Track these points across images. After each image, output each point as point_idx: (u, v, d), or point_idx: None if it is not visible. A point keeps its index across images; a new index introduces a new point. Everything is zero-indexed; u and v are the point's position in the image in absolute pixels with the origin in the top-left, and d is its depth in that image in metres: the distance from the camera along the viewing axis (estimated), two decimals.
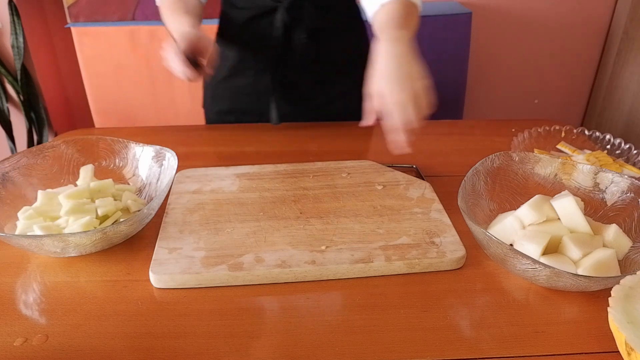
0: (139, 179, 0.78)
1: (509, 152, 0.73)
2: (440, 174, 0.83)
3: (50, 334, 0.55)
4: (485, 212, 0.70)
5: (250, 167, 0.84)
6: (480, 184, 0.70)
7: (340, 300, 0.60)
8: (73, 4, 1.76)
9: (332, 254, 0.64)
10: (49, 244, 0.59)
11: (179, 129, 1.09)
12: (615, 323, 0.49)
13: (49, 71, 2.01)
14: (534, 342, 0.54)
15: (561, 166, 0.73)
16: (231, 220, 0.71)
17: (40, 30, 1.94)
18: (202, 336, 0.54)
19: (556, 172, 0.73)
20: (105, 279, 0.63)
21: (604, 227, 0.64)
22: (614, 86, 2.07)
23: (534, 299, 0.60)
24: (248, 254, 0.64)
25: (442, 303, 0.59)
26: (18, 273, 0.64)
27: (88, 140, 0.79)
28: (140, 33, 1.79)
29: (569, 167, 0.72)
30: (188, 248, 0.65)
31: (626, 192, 0.67)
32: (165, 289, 0.61)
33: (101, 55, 1.83)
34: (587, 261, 0.58)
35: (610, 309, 0.50)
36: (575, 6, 2.02)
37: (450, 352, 0.53)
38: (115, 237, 0.64)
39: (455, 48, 1.85)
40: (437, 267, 0.64)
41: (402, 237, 0.67)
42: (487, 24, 2.02)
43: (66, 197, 0.67)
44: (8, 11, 1.76)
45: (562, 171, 0.73)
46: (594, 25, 2.07)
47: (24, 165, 0.73)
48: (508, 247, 0.56)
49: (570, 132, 0.94)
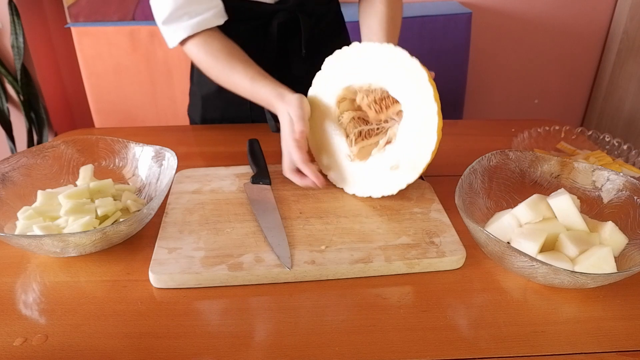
0: (139, 179, 0.78)
1: (505, 150, 0.73)
2: (440, 174, 0.83)
3: (50, 334, 0.55)
4: (483, 211, 0.70)
5: (250, 167, 0.84)
6: (477, 182, 0.71)
7: (340, 300, 0.60)
8: (73, 4, 1.76)
9: (331, 254, 0.64)
10: (49, 244, 0.59)
11: (179, 129, 1.09)
12: None
13: (49, 71, 2.01)
14: (533, 341, 0.54)
15: (557, 164, 0.73)
16: (231, 220, 0.71)
17: (40, 30, 1.94)
18: (202, 336, 0.55)
19: (552, 170, 0.73)
20: (105, 279, 0.63)
21: (600, 224, 0.64)
22: (614, 86, 2.07)
23: (533, 299, 0.60)
24: (248, 254, 0.64)
25: (441, 303, 0.59)
26: (18, 273, 0.64)
27: (88, 140, 0.79)
28: (140, 33, 1.79)
29: (565, 165, 0.72)
30: (188, 248, 0.65)
31: (622, 190, 0.67)
32: (165, 289, 0.61)
33: (101, 55, 1.83)
34: (583, 258, 0.58)
35: None
36: (575, 6, 2.02)
37: (449, 351, 0.53)
38: (115, 237, 0.64)
39: (455, 48, 1.85)
40: (437, 267, 0.64)
41: (402, 237, 0.67)
42: (487, 24, 2.03)
43: (66, 197, 0.67)
44: (8, 11, 1.76)
45: (558, 169, 0.73)
46: (594, 25, 2.07)
47: (24, 165, 0.73)
48: (505, 245, 0.56)
49: (570, 132, 0.94)
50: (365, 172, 0.75)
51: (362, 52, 0.74)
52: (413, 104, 0.70)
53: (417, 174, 0.71)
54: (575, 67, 2.17)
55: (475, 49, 2.00)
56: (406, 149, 0.71)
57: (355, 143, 0.77)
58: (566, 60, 2.14)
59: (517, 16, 2.03)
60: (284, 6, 0.92)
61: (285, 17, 0.93)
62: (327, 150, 0.79)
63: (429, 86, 0.68)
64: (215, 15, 0.85)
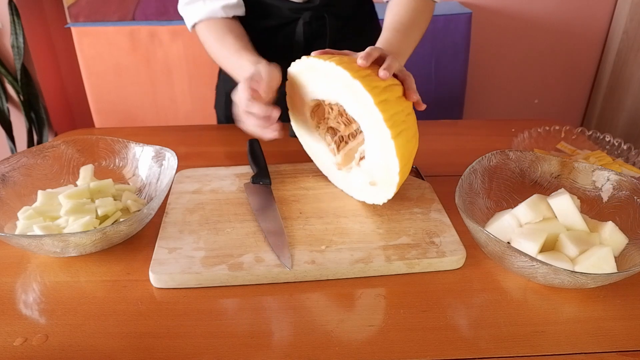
0: (139, 179, 0.78)
1: (505, 150, 0.73)
2: (440, 173, 0.83)
3: (50, 334, 0.55)
4: (483, 211, 0.70)
5: (250, 167, 0.84)
6: (477, 182, 0.71)
7: (340, 300, 0.60)
8: (73, 4, 1.76)
9: (331, 254, 0.64)
10: (49, 244, 0.59)
11: (179, 129, 1.09)
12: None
13: (49, 71, 2.01)
14: (533, 341, 0.54)
15: (557, 164, 0.73)
16: (231, 220, 0.71)
17: (40, 30, 1.94)
18: (202, 336, 0.55)
19: (552, 170, 0.73)
20: (105, 278, 0.63)
21: (600, 224, 0.64)
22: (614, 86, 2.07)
23: (533, 299, 0.60)
24: (248, 253, 0.64)
25: (441, 303, 0.59)
26: (18, 273, 0.64)
27: (88, 140, 0.79)
28: (140, 33, 1.79)
29: (565, 165, 0.72)
30: (188, 248, 0.65)
31: (622, 190, 0.67)
32: (165, 289, 0.61)
33: (101, 55, 1.83)
34: (583, 258, 0.58)
35: None
36: (575, 6, 2.02)
37: (449, 351, 0.53)
38: (115, 237, 0.64)
39: (455, 48, 1.85)
40: (437, 267, 0.64)
41: (402, 237, 0.67)
42: (487, 24, 2.03)
43: (66, 197, 0.67)
44: (8, 11, 1.76)
45: (558, 169, 0.73)
46: (594, 25, 2.07)
47: (24, 165, 0.73)
48: (505, 245, 0.56)
49: (570, 132, 0.94)
50: (352, 183, 0.74)
51: (312, 68, 0.68)
52: (367, 126, 0.66)
53: (393, 191, 0.68)
54: (575, 67, 2.17)
55: (475, 49, 2.00)
56: (376, 167, 0.68)
57: (338, 150, 0.75)
58: (566, 60, 2.14)
59: (517, 16, 2.03)
60: (310, 5, 0.93)
61: (312, 16, 0.93)
62: (318, 159, 0.80)
63: (377, 111, 0.61)
64: (224, 8, 0.86)
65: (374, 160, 0.68)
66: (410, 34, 0.81)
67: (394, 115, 0.62)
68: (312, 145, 0.79)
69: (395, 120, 0.63)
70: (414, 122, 0.67)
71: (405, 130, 0.64)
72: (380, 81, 0.64)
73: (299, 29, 0.94)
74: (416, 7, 0.84)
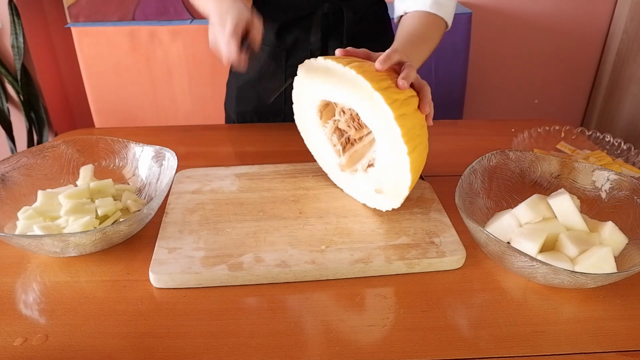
0: (139, 179, 0.78)
1: (505, 150, 0.73)
2: (440, 173, 0.83)
3: (50, 334, 0.55)
4: (483, 211, 0.70)
5: (250, 167, 0.84)
6: (477, 182, 0.71)
7: (340, 300, 0.60)
8: (73, 4, 1.76)
9: (331, 254, 0.64)
10: (49, 244, 0.60)
11: (179, 129, 1.09)
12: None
13: (49, 71, 2.01)
14: (533, 341, 0.54)
15: (557, 164, 0.73)
16: (231, 220, 0.71)
17: (40, 30, 1.94)
18: (202, 336, 0.55)
19: (552, 170, 0.73)
20: (105, 278, 0.63)
21: (600, 224, 0.64)
22: (614, 86, 2.07)
23: (533, 299, 0.60)
24: (248, 253, 0.64)
25: (441, 303, 0.59)
26: (18, 273, 0.64)
27: (88, 140, 0.79)
28: (140, 33, 1.79)
29: (565, 165, 0.72)
30: (188, 248, 0.65)
31: (622, 190, 0.67)
32: (165, 289, 0.61)
33: (101, 55, 1.83)
34: (583, 258, 0.58)
35: None
36: (575, 6, 2.02)
37: (449, 351, 0.53)
38: (115, 237, 0.64)
39: (455, 48, 1.85)
40: (437, 267, 0.64)
41: (402, 237, 0.67)
42: (487, 24, 2.03)
43: (66, 197, 0.67)
44: (8, 11, 1.76)
45: (558, 169, 0.73)
46: (594, 25, 2.07)
47: (24, 165, 0.73)
48: (505, 245, 0.56)
49: (570, 132, 0.94)
50: (355, 185, 0.74)
51: (329, 69, 0.66)
52: (383, 138, 0.64)
53: (400, 202, 0.68)
54: (575, 67, 2.17)
55: (475, 49, 2.00)
56: (385, 178, 0.68)
57: (344, 152, 0.74)
58: (566, 60, 2.14)
59: (517, 16, 2.03)
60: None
61: (330, 8, 0.94)
62: (320, 156, 0.80)
63: (396, 126, 0.60)
64: None
65: (384, 170, 0.68)
66: (422, 46, 0.81)
67: (410, 129, 0.62)
68: (315, 142, 0.79)
69: (411, 135, 0.62)
70: (426, 134, 0.67)
71: (419, 145, 0.64)
72: (399, 93, 0.62)
73: (317, 20, 0.94)
74: (430, 23, 0.85)
